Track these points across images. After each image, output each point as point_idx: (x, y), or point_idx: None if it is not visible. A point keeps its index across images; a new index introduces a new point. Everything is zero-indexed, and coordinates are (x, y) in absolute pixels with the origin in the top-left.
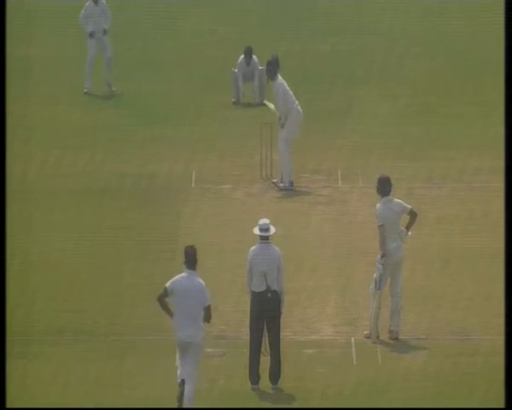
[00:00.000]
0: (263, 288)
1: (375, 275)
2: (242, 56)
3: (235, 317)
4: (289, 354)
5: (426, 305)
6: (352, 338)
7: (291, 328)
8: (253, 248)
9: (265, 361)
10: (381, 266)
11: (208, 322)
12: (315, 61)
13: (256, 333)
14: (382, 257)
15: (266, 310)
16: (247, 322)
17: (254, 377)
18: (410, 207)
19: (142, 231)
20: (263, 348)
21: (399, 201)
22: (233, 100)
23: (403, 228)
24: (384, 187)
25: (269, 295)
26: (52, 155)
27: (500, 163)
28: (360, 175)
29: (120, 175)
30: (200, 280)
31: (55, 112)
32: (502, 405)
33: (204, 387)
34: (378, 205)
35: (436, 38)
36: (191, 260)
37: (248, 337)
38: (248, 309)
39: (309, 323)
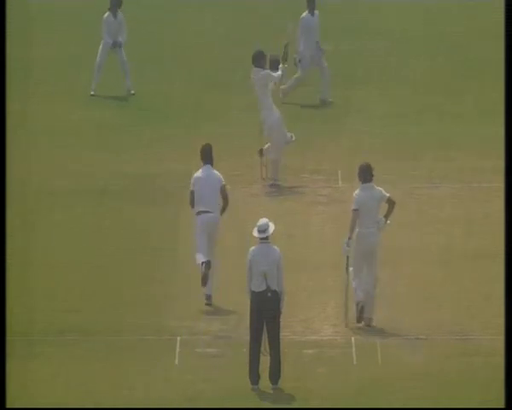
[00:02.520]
0: (263, 288)
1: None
2: None
3: (235, 317)
4: (289, 354)
5: (426, 305)
6: (352, 338)
7: (291, 328)
8: (253, 248)
9: (265, 361)
10: (347, 249)
11: (226, 200)
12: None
13: (256, 333)
14: (349, 239)
15: (266, 310)
16: (247, 322)
17: (254, 377)
18: (388, 195)
19: (142, 231)
20: (262, 348)
21: (380, 189)
22: None
23: (381, 217)
24: (365, 174)
25: (269, 294)
26: (52, 155)
27: (500, 163)
28: None
29: (120, 175)
30: (215, 171)
31: (55, 112)
32: (502, 405)
33: (204, 387)
34: (357, 190)
35: (436, 38)
36: (206, 155)
37: (248, 337)
38: (248, 309)
39: (309, 323)
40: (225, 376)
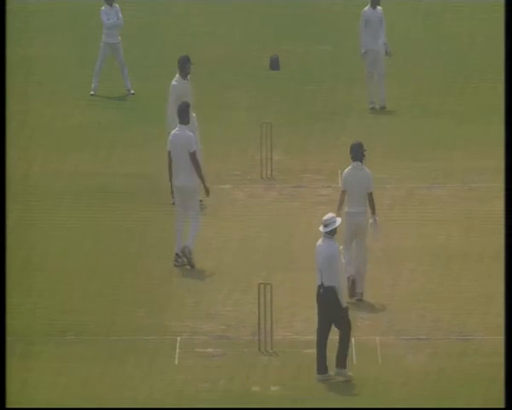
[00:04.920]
0: (318, 283)
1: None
2: None
3: (236, 317)
4: (289, 354)
5: (427, 305)
6: (352, 338)
7: (291, 328)
8: (318, 242)
9: (267, 362)
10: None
11: (196, 168)
12: (316, 61)
13: (320, 327)
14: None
15: (322, 305)
16: (248, 322)
17: (321, 368)
18: (371, 190)
19: (143, 231)
20: (268, 348)
21: (369, 173)
22: None
23: (370, 220)
24: (356, 152)
25: (321, 290)
26: (53, 155)
27: (500, 163)
28: None
29: (121, 175)
30: (189, 132)
31: (55, 112)
32: (502, 405)
33: (204, 387)
34: (346, 169)
35: (436, 38)
36: (182, 114)
37: (249, 338)
38: (248, 309)
39: (309, 323)
40: (225, 376)
